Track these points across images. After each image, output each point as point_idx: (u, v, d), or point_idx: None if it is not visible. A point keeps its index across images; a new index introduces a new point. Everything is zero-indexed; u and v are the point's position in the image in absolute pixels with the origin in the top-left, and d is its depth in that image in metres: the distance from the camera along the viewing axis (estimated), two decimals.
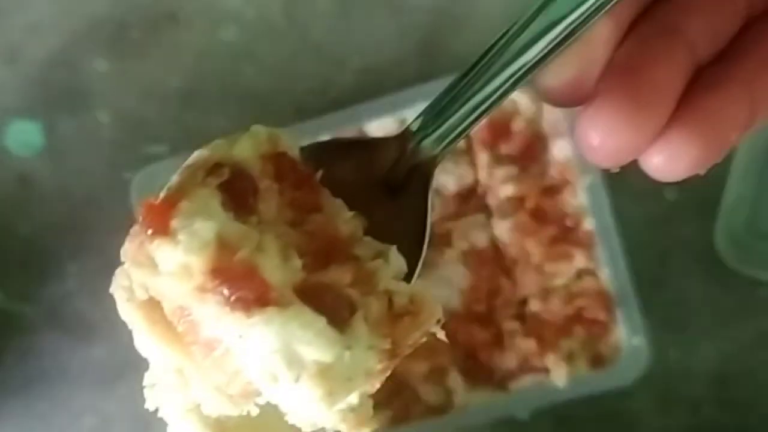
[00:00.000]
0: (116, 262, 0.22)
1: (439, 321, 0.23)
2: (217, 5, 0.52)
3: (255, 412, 0.22)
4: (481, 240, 0.48)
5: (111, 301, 0.22)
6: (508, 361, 0.47)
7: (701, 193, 0.50)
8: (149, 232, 0.21)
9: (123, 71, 0.51)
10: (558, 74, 0.21)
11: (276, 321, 0.20)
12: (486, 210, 0.48)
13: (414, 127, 0.23)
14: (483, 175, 0.47)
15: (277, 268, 0.21)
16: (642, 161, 0.21)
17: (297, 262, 0.21)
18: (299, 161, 0.23)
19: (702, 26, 0.21)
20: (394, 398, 0.47)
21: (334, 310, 0.21)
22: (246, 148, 0.23)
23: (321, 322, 0.20)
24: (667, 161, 0.21)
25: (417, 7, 0.51)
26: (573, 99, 0.21)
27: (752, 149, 0.48)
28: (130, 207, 0.48)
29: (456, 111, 0.22)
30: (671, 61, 0.20)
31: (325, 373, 0.20)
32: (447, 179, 0.47)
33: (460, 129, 0.22)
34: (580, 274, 0.47)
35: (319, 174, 0.24)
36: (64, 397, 0.50)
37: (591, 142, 0.20)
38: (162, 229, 0.21)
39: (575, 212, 0.47)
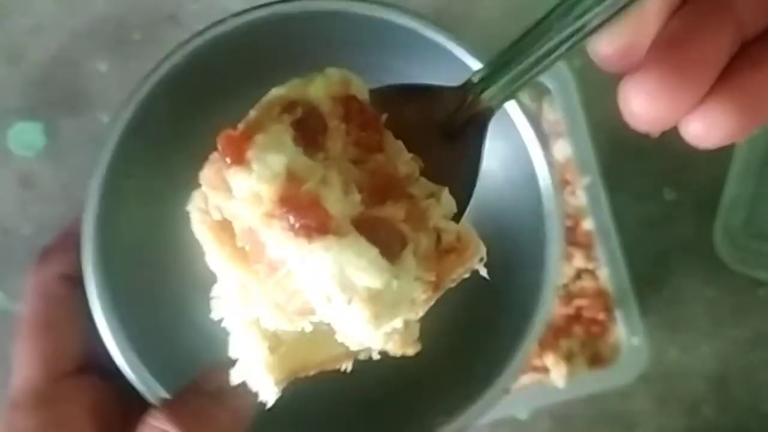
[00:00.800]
0: None
1: (482, 259, 0.24)
2: (217, 6, 0.52)
3: (309, 329, 0.24)
4: None
5: None
6: None
7: (700, 193, 0.50)
8: (227, 160, 0.23)
9: (124, 72, 0.51)
10: (611, 42, 0.21)
11: (334, 248, 0.22)
12: None
13: (475, 79, 0.24)
14: None
15: (338, 201, 0.23)
16: (681, 127, 0.21)
17: (356, 197, 0.23)
18: (367, 104, 0.25)
19: (751, 3, 0.21)
20: None
21: (387, 242, 0.23)
22: (319, 88, 0.25)
23: (374, 252, 0.22)
24: (705, 130, 0.21)
25: (417, 8, 0.51)
26: (624, 65, 0.22)
27: (751, 150, 0.48)
28: None
29: (515, 66, 0.23)
30: (718, 36, 0.21)
31: (373, 298, 0.22)
32: None
33: (518, 83, 0.24)
34: (580, 274, 0.47)
35: (384, 117, 0.25)
36: None
37: (633, 108, 0.21)
38: (238, 158, 0.23)
39: (574, 212, 0.47)
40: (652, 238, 0.51)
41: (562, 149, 0.47)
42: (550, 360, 0.46)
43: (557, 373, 0.46)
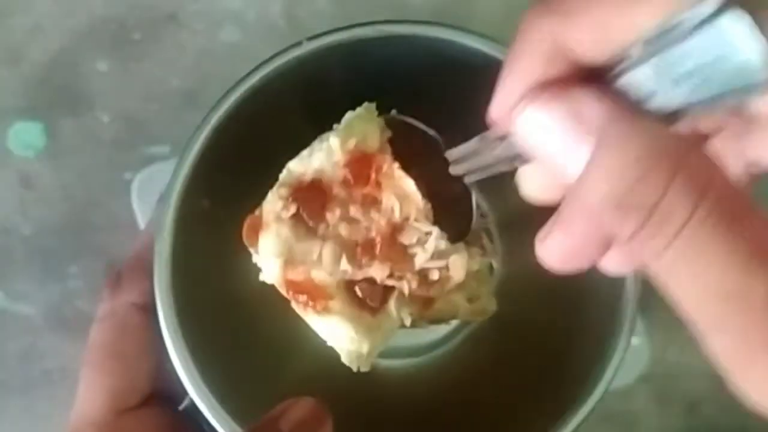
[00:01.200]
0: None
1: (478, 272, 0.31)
2: (217, 6, 0.52)
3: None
4: None
5: None
6: None
7: None
8: (247, 242, 0.30)
9: (124, 72, 0.51)
10: (532, 183, 0.24)
11: (328, 323, 0.29)
12: None
13: (449, 157, 0.28)
14: None
15: (329, 274, 0.29)
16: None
17: (346, 266, 0.29)
18: (378, 151, 0.30)
19: None
20: None
21: (371, 298, 0.29)
22: (322, 160, 0.30)
23: (351, 331, 0.29)
24: (618, 269, 0.23)
25: (416, 9, 0.51)
26: (545, 201, 0.23)
27: None
28: (130, 207, 0.49)
29: (472, 163, 0.27)
30: None
31: (351, 353, 0.29)
32: None
33: (477, 176, 0.28)
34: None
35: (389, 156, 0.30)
36: (65, 397, 0.50)
37: (545, 261, 0.22)
38: (254, 242, 0.30)
39: None
40: None
41: None
42: None
43: None
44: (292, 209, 0.30)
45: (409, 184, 0.30)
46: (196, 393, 0.33)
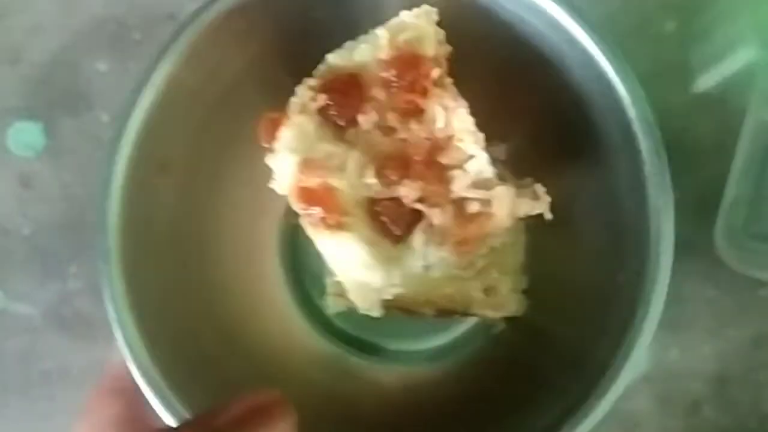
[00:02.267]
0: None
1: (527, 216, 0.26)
2: None
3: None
4: None
5: None
6: None
7: (700, 193, 0.50)
8: (264, 143, 0.26)
9: (124, 72, 0.51)
10: None
11: (342, 244, 0.24)
12: None
13: None
14: None
15: (351, 188, 0.25)
16: None
17: (372, 180, 0.25)
18: (430, 54, 0.25)
19: None
20: None
21: (395, 223, 0.25)
22: (365, 53, 0.26)
23: (368, 255, 0.24)
24: None
25: None
26: None
27: (752, 149, 0.48)
28: None
29: None
30: None
31: (359, 287, 0.25)
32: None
33: None
34: None
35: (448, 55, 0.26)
36: (65, 397, 0.50)
37: None
38: (271, 141, 0.25)
39: None
40: None
41: None
42: None
43: None
44: (321, 101, 0.26)
45: (461, 104, 0.25)
46: (143, 379, 0.30)
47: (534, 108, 0.29)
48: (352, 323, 0.37)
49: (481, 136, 0.26)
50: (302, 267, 0.37)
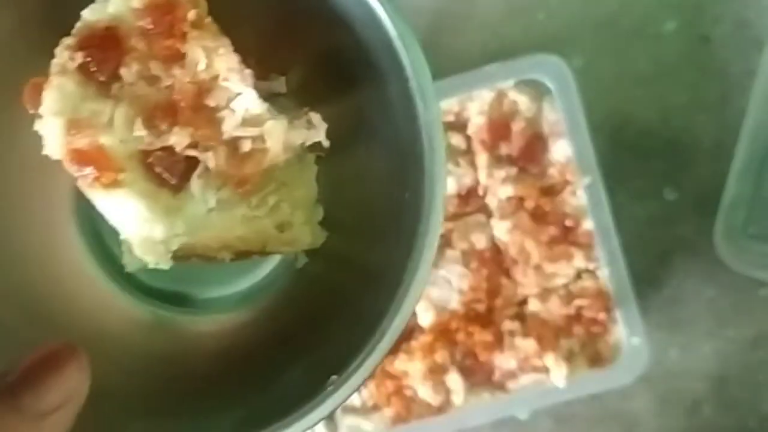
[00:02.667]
0: None
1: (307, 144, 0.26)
2: None
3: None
4: (481, 240, 0.48)
5: None
6: (508, 361, 0.47)
7: (700, 193, 0.50)
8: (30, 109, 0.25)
9: None
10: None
11: (120, 201, 0.25)
12: (486, 210, 0.48)
13: None
14: (483, 175, 0.47)
15: (122, 142, 0.25)
16: None
17: (141, 132, 0.25)
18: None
19: None
20: (393, 398, 0.47)
21: (171, 173, 0.26)
22: (119, 3, 0.26)
23: (146, 210, 0.25)
24: None
25: (417, 9, 0.51)
26: None
27: (751, 149, 0.48)
28: None
29: None
30: None
31: (143, 241, 0.25)
32: (447, 180, 0.47)
33: None
34: (580, 274, 0.47)
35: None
36: None
37: None
38: (36, 107, 0.25)
39: (575, 212, 0.47)
40: (653, 238, 0.51)
41: (563, 149, 0.47)
42: (550, 360, 0.46)
43: (558, 374, 0.46)
44: (79, 59, 0.25)
45: (223, 42, 0.26)
46: None
47: (312, 39, 0.30)
48: (159, 278, 0.36)
49: (248, 72, 0.26)
50: (101, 228, 0.36)
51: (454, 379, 0.47)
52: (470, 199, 0.48)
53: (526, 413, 0.50)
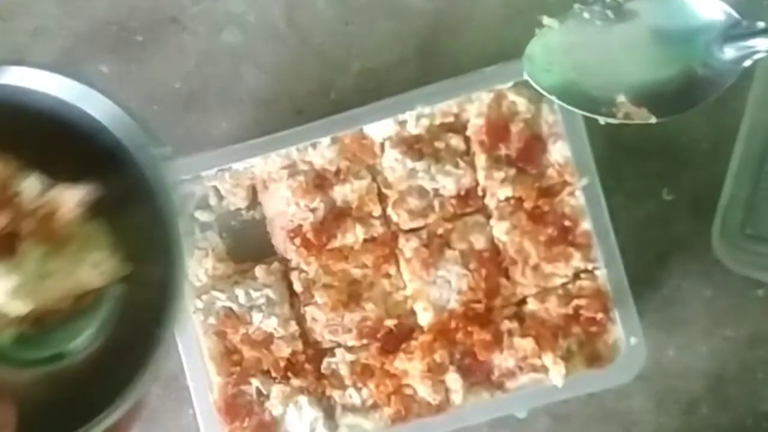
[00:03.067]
0: None
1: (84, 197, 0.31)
2: (218, 9, 0.52)
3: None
4: (480, 241, 0.48)
5: None
6: (507, 360, 0.47)
7: (698, 193, 0.51)
8: None
9: (126, 74, 0.52)
10: None
11: None
12: (485, 211, 0.48)
13: None
14: (482, 176, 0.48)
15: None
16: None
17: None
18: None
19: None
20: (393, 397, 0.47)
21: (3, 246, 0.30)
22: None
23: None
24: None
25: (416, 10, 0.52)
26: None
27: (748, 150, 0.48)
28: None
29: None
30: None
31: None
32: (446, 180, 0.48)
33: None
34: (578, 274, 0.48)
35: None
36: None
37: None
38: None
39: (573, 213, 0.47)
40: (651, 239, 0.51)
41: (561, 150, 0.47)
42: (548, 359, 0.47)
43: (556, 373, 0.46)
44: None
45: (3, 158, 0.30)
46: None
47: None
48: None
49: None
50: None
51: (453, 379, 0.47)
52: (469, 199, 0.48)
53: (525, 412, 0.50)
